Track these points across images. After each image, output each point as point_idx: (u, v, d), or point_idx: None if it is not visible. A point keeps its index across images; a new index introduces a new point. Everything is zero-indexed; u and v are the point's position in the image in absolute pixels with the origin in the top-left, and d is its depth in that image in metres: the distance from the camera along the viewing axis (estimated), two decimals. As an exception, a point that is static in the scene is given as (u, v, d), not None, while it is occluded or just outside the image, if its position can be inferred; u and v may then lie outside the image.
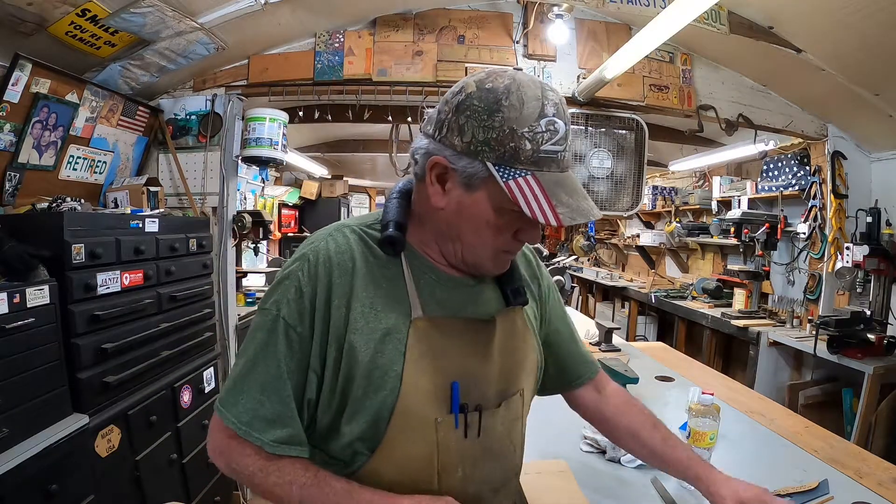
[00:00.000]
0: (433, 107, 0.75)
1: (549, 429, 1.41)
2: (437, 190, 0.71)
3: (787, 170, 3.56)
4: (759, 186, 3.81)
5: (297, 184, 5.43)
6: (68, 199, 1.96)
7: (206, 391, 2.29)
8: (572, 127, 2.96)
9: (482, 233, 0.72)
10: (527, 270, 0.92)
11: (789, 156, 3.51)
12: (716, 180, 4.35)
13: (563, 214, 0.64)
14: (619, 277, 5.88)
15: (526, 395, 0.84)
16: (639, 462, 1.21)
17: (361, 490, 0.68)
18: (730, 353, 4.07)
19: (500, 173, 0.65)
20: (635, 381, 1.65)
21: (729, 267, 4.08)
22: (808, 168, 3.31)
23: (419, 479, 0.72)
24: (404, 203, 0.79)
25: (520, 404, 0.82)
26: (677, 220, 4.90)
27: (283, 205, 5.09)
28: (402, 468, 0.72)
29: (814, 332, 2.79)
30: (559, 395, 1.00)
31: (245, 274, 3.39)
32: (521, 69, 0.63)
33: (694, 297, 4.35)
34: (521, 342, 0.84)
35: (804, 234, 3.29)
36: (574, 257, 6.51)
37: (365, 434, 0.70)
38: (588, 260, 6.96)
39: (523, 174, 0.65)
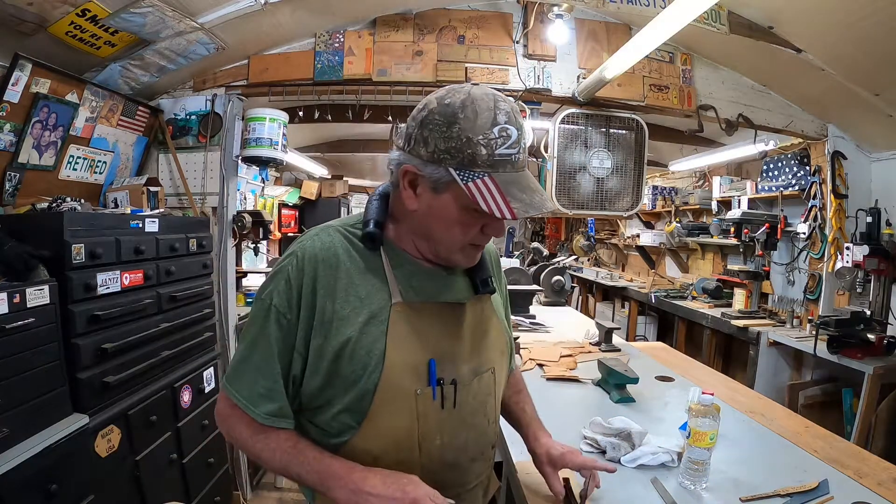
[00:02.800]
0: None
1: (549, 429, 1.41)
2: (410, 194, 0.81)
3: (787, 170, 3.56)
4: (759, 186, 3.81)
5: (297, 184, 5.43)
6: (68, 199, 1.96)
7: (206, 391, 2.29)
8: (571, 127, 2.92)
9: (451, 230, 0.80)
10: (493, 268, 1.01)
11: (789, 156, 3.51)
12: (716, 180, 4.35)
13: (518, 208, 0.73)
14: (619, 277, 5.88)
15: (498, 373, 0.94)
16: (639, 462, 1.21)
17: (331, 459, 0.78)
18: (730, 353, 4.07)
19: (461, 176, 0.75)
20: (635, 381, 1.65)
21: (729, 267, 4.07)
22: (808, 168, 3.31)
23: (402, 447, 0.81)
24: (383, 204, 0.89)
25: (492, 381, 0.92)
26: (677, 220, 4.89)
27: (283, 205, 5.08)
28: (386, 438, 0.80)
29: (814, 332, 2.78)
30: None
31: (245, 274, 3.38)
32: (478, 84, 0.77)
33: (694, 297, 4.35)
34: (490, 326, 0.94)
35: (804, 234, 3.29)
36: (574, 257, 6.52)
37: (352, 406, 0.79)
38: (588, 260, 6.97)
39: (481, 176, 0.74)
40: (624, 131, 2.86)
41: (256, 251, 3.81)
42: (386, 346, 0.79)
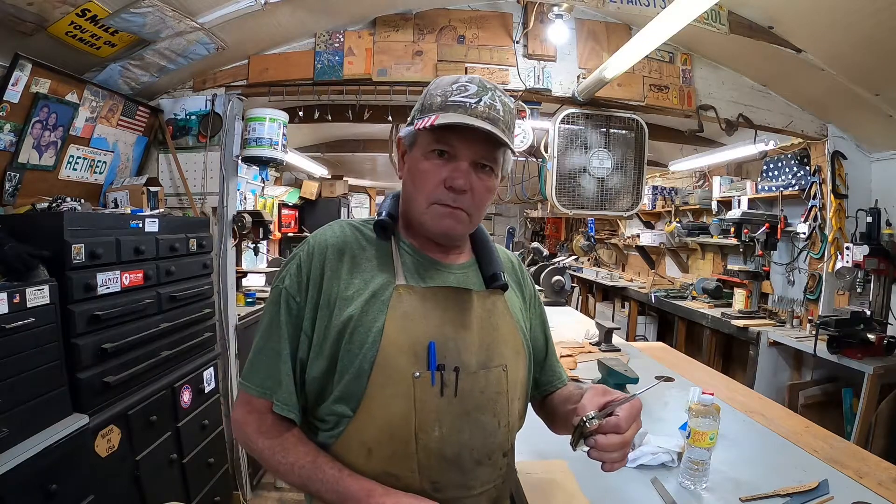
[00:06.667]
0: None
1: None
2: (401, 164, 0.90)
3: (787, 170, 3.56)
4: (759, 186, 3.81)
5: (297, 184, 5.43)
6: (68, 199, 1.96)
7: (206, 391, 2.29)
8: (571, 127, 2.92)
9: (418, 182, 0.84)
10: (511, 275, 0.99)
11: (789, 156, 3.51)
12: (716, 180, 4.35)
13: (440, 121, 0.77)
14: (619, 277, 5.88)
15: (511, 372, 0.87)
16: (639, 462, 1.21)
17: (349, 479, 0.75)
18: (730, 353, 4.07)
19: (416, 121, 0.82)
20: (635, 381, 1.65)
21: (729, 267, 4.07)
22: (808, 168, 3.31)
23: (397, 437, 0.77)
24: (396, 201, 0.94)
25: (504, 379, 0.85)
26: (677, 220, 4.89)
27: (283, 205, 5.08)
28: (381, 426, 0.77)
29: (814, 332, 2.78)
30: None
31: (245, 274, 3.38)
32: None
33: (694, 297, 4.35)
34: (503, 322, 0.89)
35: (804, 234, 3.29)
36: (574, 257, 6.52)
37: (348, 390, 0.78)
38: (588, 260, 6.97)
39: (430, 116, 0.80)
40: (624, 131, 2.86)
41: (256, 251, 3.82)
42: (385, 324, 0.78)
